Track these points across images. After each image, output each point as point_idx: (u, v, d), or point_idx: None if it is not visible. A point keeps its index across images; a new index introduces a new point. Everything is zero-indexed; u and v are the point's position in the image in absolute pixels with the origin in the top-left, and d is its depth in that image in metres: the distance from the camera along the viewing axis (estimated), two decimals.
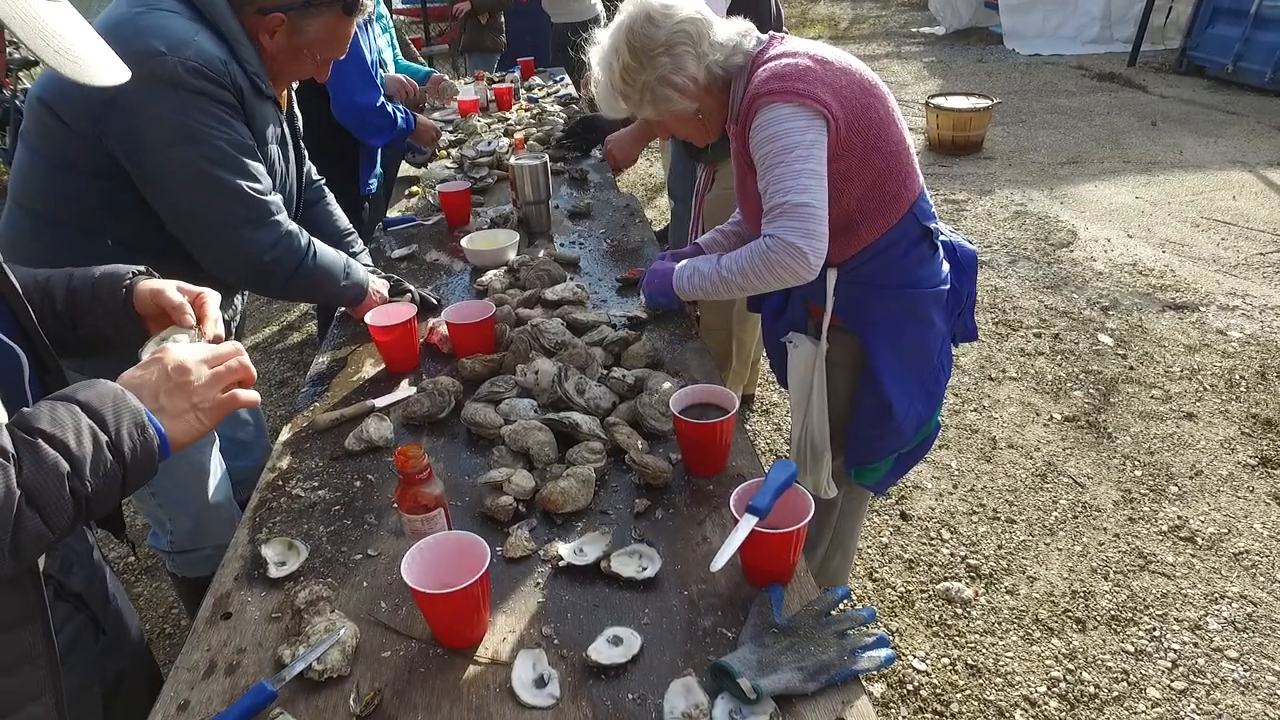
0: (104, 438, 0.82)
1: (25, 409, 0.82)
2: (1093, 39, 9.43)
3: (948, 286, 1.68)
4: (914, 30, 11.36)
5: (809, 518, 1.13)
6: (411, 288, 2.03)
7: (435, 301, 2.05)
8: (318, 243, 1.71)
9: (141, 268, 1.15)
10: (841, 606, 1.14)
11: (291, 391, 3.67)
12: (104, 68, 0.81)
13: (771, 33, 1.64)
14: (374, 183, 3.04)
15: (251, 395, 0.99)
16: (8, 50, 6.16)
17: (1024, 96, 7.69)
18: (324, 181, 2.09)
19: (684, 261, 1.71)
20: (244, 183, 1.51)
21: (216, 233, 1.53)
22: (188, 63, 1.40)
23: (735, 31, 1.60)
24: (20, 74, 6.13)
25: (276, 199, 1.60)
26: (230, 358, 0.97)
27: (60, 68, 0.75)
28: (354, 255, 2.03)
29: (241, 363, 0.98)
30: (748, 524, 1.10)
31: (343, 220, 2.08)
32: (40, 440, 0.79)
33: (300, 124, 1.89)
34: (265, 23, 1.51)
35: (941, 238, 1.73)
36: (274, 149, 1.65)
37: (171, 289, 1.09)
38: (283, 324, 4.35)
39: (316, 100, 1.69)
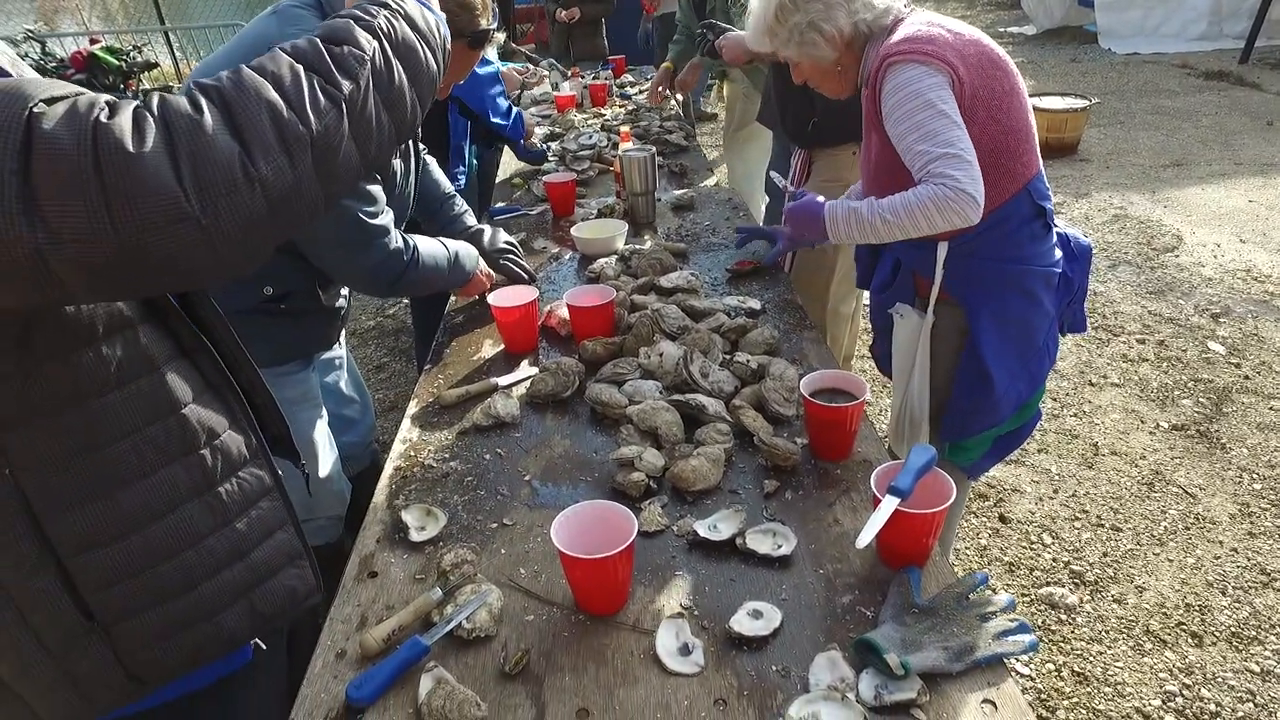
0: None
1: None
2: (1199, 35, 8.97)
3: (1059, 270, 1.70)
4: (1002, 30, 11.01)
5: (951, 500, 1.12)
6: (517, 258, 2.14)
7: (529, 277, 2.15)
8: (422, 246, 1.78)
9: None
10: (981, 592, 1.13)
11: (389, 375, 3.80)
12: None
13: (911, 5, 1.69)
14: (462, 178, 3.05)
15: None
16: (130, 53, 6.44)
17: (1122, 97, 7.38)
18: (426, 150, 2.17)
19: (833, 201, 1.66)
20: (359, 207, 1.60)
21: (329, 249, 1.65)
22: None
23: None
24: (142, 76, 6.43)
25: (387, 219, 1.68)
26: None
27: None
28: (456, 216, 2.16)
29: None
30: (890, 504, 1.10)
31: (444, 184, 2.19)
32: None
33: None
34: None
35: (1057, 229, 1.74)
36: (396, 163, 1.74)
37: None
38: (381, 313, 4.50)
39: None
